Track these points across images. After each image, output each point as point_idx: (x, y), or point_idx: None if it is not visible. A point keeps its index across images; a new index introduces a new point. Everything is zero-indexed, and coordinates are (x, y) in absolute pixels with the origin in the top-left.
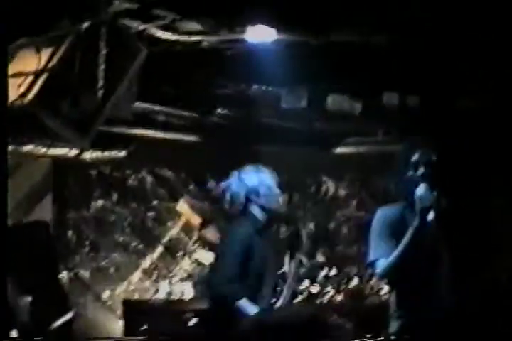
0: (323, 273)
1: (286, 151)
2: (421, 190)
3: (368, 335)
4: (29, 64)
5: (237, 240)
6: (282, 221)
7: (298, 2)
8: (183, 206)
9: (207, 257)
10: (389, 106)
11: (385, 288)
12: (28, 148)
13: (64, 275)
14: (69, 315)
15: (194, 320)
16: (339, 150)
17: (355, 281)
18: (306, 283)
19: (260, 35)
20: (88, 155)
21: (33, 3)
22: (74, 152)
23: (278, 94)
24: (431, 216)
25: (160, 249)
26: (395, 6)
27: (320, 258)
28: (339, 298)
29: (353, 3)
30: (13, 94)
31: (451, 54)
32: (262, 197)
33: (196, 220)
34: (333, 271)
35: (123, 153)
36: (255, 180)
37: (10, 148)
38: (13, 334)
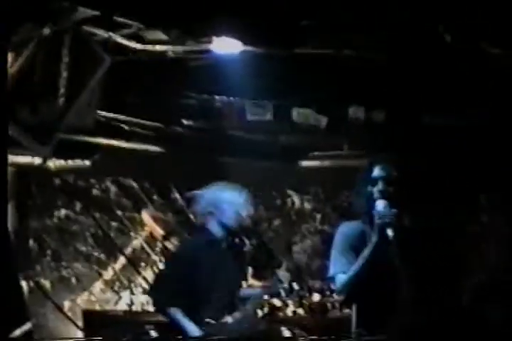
0: (286, 286)
1: (251, 163)
2: (380, 206)
3: None
4: None
5: (183, 253)
6: (246, 234)
7: (264, 14)
8: (145, 217)
9: None
10: (354, 121)
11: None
12: None
13: (24, 284)
14: (27, 325)
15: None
16: (304, 163)
17: (317, 295)
18: (267, 296)
19: (226, 46)
20: (52, 164)
21: None
22: (37, 160)
23: (243, 106)
24: (390, 233)
25: (122, 259)
26: (362, 22)
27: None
28: (301, 311)
29: (320, 17)
30: None
31: (419, 70)
32: (222, 213)
33: (159, 231)
34: (296, 285)
35: (87, 163)
36: (219, 196)
37: None
38: None
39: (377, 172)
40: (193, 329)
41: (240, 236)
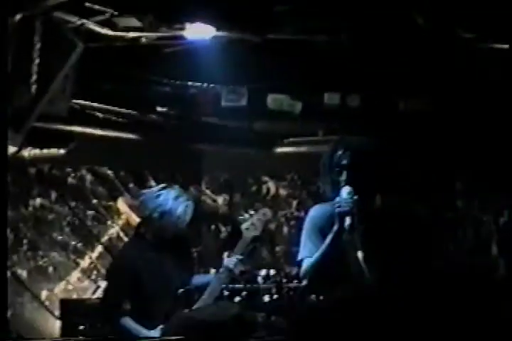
0: (262, 272)
1: (226, 150)
2: (342, 193)
3: None
4: None
5: (122, 261)
6: (222, 221)
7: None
8: (122, 205)
9: None
10: (329, 106)
11: None
12: None
13: None
14: None
15: None
16: (280, 149)
17: (295, 282)
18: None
19: (199, 32)
20: (26, 153)
21: None
22: (12, 149)
23: (218, 92)
24: (347, 221)
25: (99, 248)
26: (338, 7)
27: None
28: (278, 297)
29: (294, 2)
30: None
31: (394, 55)
32: (162, 218)
33: (135, 219)
34: (273, 271)
35: (62, 151)
36: (160, 201)
37: None
38: None
39: (340, 158)
40: (147, 333)
41: (216, 224)
